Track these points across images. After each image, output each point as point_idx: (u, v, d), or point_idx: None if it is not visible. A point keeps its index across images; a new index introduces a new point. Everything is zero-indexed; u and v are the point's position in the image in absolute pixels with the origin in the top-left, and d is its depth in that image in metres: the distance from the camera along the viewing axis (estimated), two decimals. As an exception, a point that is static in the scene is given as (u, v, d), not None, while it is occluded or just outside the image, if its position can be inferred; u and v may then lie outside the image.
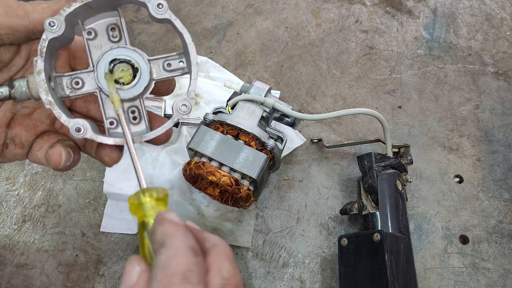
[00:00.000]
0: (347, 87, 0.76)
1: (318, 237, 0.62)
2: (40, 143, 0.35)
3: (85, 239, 0.62)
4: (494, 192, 0.66)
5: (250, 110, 0.59)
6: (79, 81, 0.33)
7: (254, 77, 0.77)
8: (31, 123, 0.35)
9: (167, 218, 0.27)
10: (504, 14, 0.85)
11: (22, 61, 0.34)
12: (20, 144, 0.35)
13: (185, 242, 0.26)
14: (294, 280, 0.59)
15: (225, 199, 0.62)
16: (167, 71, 0.34)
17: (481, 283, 0.59)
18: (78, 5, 0.30)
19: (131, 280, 0.26)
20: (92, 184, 0.66)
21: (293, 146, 0.68)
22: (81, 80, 0.33)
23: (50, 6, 0.31)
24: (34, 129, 0.35)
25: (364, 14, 0.85)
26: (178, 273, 0.24)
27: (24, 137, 0.35)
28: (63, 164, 0.33)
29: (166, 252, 0.25)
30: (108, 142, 0.32)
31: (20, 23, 0.30)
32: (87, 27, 0.33)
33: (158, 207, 0.29)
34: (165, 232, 0.26)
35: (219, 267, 0.26)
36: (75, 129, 0.31)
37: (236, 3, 0.87)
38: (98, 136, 0.32)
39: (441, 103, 0.74)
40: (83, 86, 0.33)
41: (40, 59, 0.30)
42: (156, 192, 0.29)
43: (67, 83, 0.33)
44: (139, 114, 0.34)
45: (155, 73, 0.33)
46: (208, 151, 0.56)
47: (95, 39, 0.33)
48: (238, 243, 0.61)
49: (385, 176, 0.58)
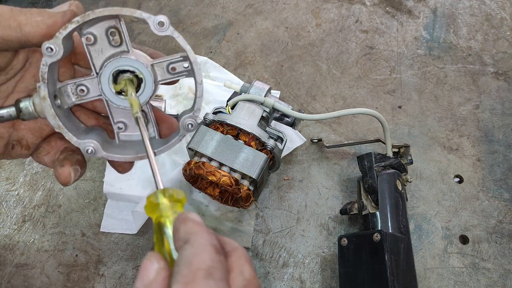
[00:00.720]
0: (347, 87, 0.76)
1: (318, 237, 0.62)
2: (47, 148, 0.36)
3: (85, 239, 0.62)
4: (494, 192, 0.66)
5: (250, 110, 0.59)
6: (84, 88, 0.32)
7: (254, 77, 0.77)
8: (37, 126, 0.35)
9: (190, 217, 0.27)
10: (504, 14, 0.85)
11: (20, 64, 0.33)
12: (26, 146, 0.35)
13: (209, 240, 0.26)
14: (294, 280, 0.59)
15: (225, 199, 0.62)
16: (171, 73, 0.33)
17: (481, 283, 0.59)
18: (74, 26, 0.29)
19: (148, 276, 0.25)
20: (92, 184, 0.66)
21: (293, 146, 0.68)
22: (85, 87, 0.32)
23: (45, 21, 0.29)
24: (40, 133, 0.36)
25: (364, 14, 0.85)
26: (203, 268, 0.24)
27: (30, 140, 0.35)
28: (72, 182, 0.34)
29: (191, 249, 0.25)
30: (121, 160, 0.33)
31: (13, 34, 0.29)
32: (85, 31, 0.31)
33: (175, 209, 0.29)
34: (189, 230, 0.26)
35: (241, 269, 0.27)
36: (86, 151, 0.31)
37: (236, 3, 0.87)
38: (109, 155, 0.32)
39: (441, 103, 0.74)
40: (88, 92, 0.33)
41: (43, 85, 0.30)
42: (176, 194, 0.29)
43: (72, 89, 0.32)
44: (147, 118, 0.34)
45: (159, 76, 0.33)
46: (208, 151, 0.56)
47: (95, 44, 0.32)
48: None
49: (385, 176, 0.57)
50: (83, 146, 0.32)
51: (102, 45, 0.32)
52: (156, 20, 0.30)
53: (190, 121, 0.33)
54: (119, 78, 0.32)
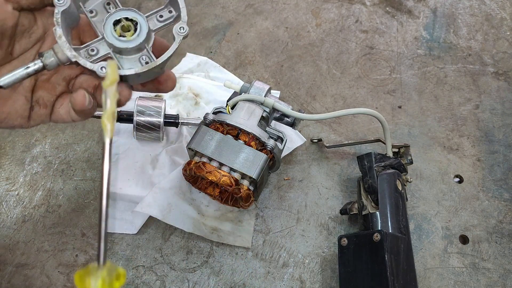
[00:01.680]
0: (347, 87, 0.76)
1: (318, 237, 0.62)
2: (60, 101, 0.42)
3: (85, 239, 0.62)
4: (494, 192, 0.66)
5: (250, 110, 0.59)
6: (94, 49, 0.40)
7: (254, 77, 0.77)
8: (50, 86, 0.42)
9: None
10: (504, 14, 0.85)
11: (40, 31, 0.40)
12: (43, 105, 0.41)
13: None
14: (294, 280, 0.59)
15: (225, 199, 0.62)
16: (160, 21, 0.42)
17: (481, 283, 0.59)
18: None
19: None
20: (92, 184, 0.66)
21: (293, 146, 0.68)
22: (95, 48, 0.40)
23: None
24: (54, 91, 0.42)
25: (364, 14, 0.85)
26: None
27: (46, 98, 0.41)
28: (87, 104, 0.38)
29: None
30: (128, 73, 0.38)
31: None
32: (88, 8, 0.40)
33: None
34: None
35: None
36: (100, 69, 0.38)
37: (236, 3, 0.87)
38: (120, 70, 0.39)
39: (441, 103, 0.74)
40: (98, 52, 0.40)
41: (57, 27, 0.37)
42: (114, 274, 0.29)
43: (84, 54, 0.40)
44: (150, 60, 0.41)
45: (152, 25, 0.41)
46: (208, 151, 0.56)
47: (96, 16, 0.41)
48: (238, 243, 0.61)
49: (385, 176, 0.58)
50: (96, 66, 0.37)
51: (102, 17, 0.40)
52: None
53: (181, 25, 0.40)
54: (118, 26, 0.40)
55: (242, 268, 0.60)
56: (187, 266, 0.60)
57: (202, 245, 0.61)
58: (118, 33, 0.39)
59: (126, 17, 0.40)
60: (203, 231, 0.60)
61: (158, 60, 0.39)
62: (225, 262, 0.60)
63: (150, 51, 0.41)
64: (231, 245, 0.61)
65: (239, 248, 0.61)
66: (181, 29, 0.40)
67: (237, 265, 0.60)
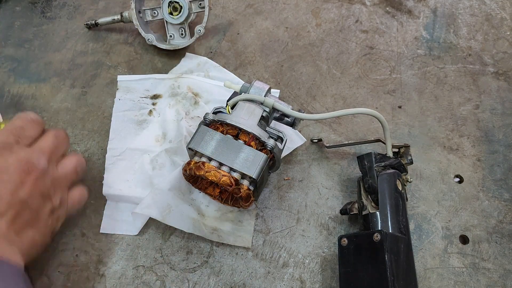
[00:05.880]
0: (347, 87, 0.76)
1: (318, 237, 0.62)
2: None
3: (85, 239, 0.62)
4: (494, 192, 0.66)
5: (250, 110, 0.59)
6: (155, 12, 0.72)
7: (254, 77, 0.77)
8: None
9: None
10: (504, 14, 0.85)
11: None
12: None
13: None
14: (294, 280, 0.59)
15: (225, 199, 0.62)
16: (200, 8, 0.72)
17: (481, 283, 0.59)
18: None
19: None
20: (92, 184, 0.66)
21: (293, 146, 0.68)
22: (156, 11, 0.72)
23: None
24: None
25: (364, 14, 0.85)
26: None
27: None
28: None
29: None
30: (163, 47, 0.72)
31: None
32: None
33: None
34: None
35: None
36: (148, 40, 0.70)
37: (236, 3, 0.87)
38: (158, 44, 0.72)
39: (441, 103, 0.74)
40: (157, 15, 0.72)
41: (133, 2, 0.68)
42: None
43: (148, 13, 0.73)
44: (185, 32, 0.74)
45: (193, 9, 0.71)
46: (208, 151, 0.56)
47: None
48: (238, 243, 0.61)
49: (385, 176, 0.57)
50: (146, 37, 0.70)
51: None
52: None
53: (199, 28, 0.71)
54: (170, 6, 0.70)
55: (242, 268, 0.60)
56: (187, 266, 0.60)
57: (202, 245, 0.61)
58: (169, 10, 0.70)
59: (176, 1, 0.70)
60: (203, 231, 0.60)
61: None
62: (225, 262, 0.60)
63: (186, 26, 0.73)
64: (231, 245, 0.61)
65: (239, 248, 0.61)
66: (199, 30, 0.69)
67: (237, 265, 0.60)
